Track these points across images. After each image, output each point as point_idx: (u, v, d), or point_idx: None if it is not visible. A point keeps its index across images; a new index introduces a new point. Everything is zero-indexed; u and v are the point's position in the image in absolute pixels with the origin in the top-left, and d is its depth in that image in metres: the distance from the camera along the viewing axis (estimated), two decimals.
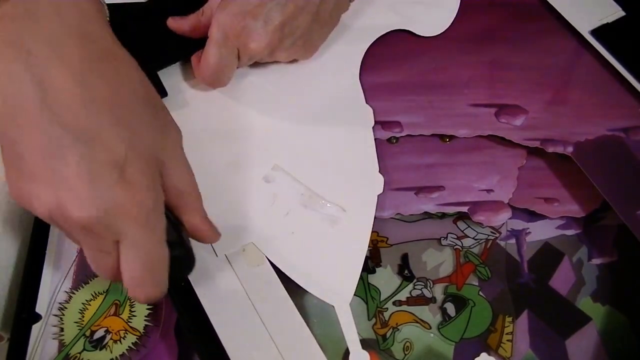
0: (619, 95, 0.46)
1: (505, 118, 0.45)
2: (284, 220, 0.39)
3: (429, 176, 0.44)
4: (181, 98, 0.43)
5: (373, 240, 0.43)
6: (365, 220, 0.40)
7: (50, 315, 0.38)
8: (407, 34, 0.49)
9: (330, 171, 0.41)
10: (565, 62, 0.47)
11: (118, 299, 0.39)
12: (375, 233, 0.43)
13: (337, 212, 0.40)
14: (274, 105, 0.44)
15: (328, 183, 0.41)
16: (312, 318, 0.39)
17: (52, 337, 0.38)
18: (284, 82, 0.45)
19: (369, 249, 0.42)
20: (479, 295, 0.41)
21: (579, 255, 0.42)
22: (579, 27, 0.48)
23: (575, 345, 0.39)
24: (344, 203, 0.40)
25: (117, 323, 0.39)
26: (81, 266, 0.40)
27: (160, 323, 0.39)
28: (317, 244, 0.39)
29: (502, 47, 0.48)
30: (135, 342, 0.38)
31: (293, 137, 0.43)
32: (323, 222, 0.40)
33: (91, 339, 0.38)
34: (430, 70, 0.47)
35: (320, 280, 0.38)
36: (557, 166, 0.45)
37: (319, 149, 0.42)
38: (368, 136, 0.43)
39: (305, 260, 0.38)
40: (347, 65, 0.46)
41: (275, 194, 0.40)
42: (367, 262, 0.42)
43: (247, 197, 0.40)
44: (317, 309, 0.39)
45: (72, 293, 0.39)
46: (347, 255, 0.39)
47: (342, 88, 0.45)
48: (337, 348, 0.37)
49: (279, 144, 0.42)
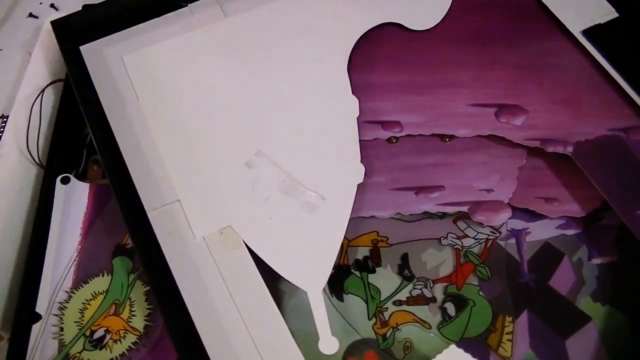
0: (619, 95, 0.46)
1: (505, 118, 0.45)
2: (263, 206, 0.39)
3: (429, 176, 0.44)
4: (171, 77, 0.44)
5: (373, 240, 0.43)
6: (344, 209, 0.40)
7: (50, 315, 0.38)
8: (407, 34, 0.49)
9: (312, 159, 0.41)
10: (566, 62, 0.47)
11: (118, 299, 0.39)
12: (375, 233, 0.43)
13: (317, 199, 0.40)
14: (261, 91, 0.44)
15: (310, 171, 0.41)
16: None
17: (52, 336, 0.38)
18: (272, 69, 0.45)
19: (369, 249, 0.42)
20: (479, 295, 0.41)
21: (579, 255, 0.42)
22: (571, 27, 0.48)
23: (575, 345, 0.39)
24: (324, 191, 0.40)
25: (117, 323, 0.39)
26: (81, 266, 0.40)
27: (160, 323, 0.39)
28: (294, 230, 0.39)
29: (502, 47, 0.48)
30: (135, 342, 0.38)
31: (278, 124, 0.43)
32: (302, 209, 0.39)
33: (91, 339, 0.38)
34: (430, 70, 0.47)
35: (294, 266, 0.38)
36: (557, 166, 0.45)
37: (303, 137, 0.42)
38: (352, 126, 0.42)
39: (281, 246, 0.38)
40: (334, 56, 0.46)
41: (256, 179, 0.40)
42: (367, 262, 0.42)
43: (228, 181, 0.40)
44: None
45: (72, 293, 0.39)
46: (323, 242, 0.39)
47: (329, 78, 0.45)
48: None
49: (263, 129, 0.42)
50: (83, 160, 0.45)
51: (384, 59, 0.48)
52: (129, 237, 0.42)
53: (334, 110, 0.43)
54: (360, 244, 0.43)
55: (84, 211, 0.42)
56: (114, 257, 0.41)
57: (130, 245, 0.41)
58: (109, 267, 0.40)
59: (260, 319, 0.36)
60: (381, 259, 0.42)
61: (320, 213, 0.39)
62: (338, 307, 0.41)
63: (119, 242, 0.41)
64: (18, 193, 0.43)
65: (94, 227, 0.42)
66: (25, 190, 0.44)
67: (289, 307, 0.39)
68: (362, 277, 0.42)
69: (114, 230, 0.42)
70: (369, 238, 0.43)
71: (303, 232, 0.39)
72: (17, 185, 0.43)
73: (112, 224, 0.42)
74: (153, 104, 0.43)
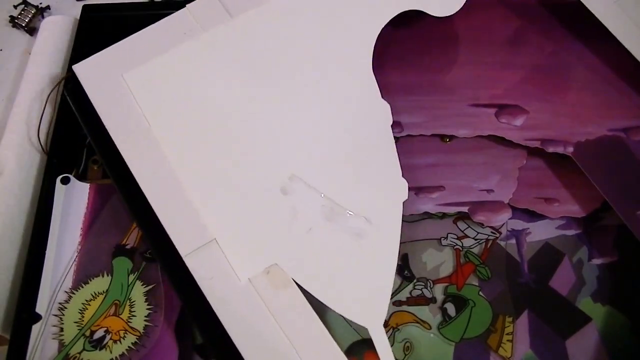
0: (619, 95, 0.46)
1: (505, 118, 0.45)
2: (307, 237, 0.36)
3: (429, 176, 0.44)
4: (182, 94, 0.39)
5: None
6: (393, 231, 0.37)
7: (50, 315, 0.38)
8: (407, 34, 0.49)
9: (350, 178, 0.38)
10: (566, 62, 0.47)
11: (118, 299, 0.39)
12: None
13: (362, 223, 0.37)
14: (282, 102, 0.40)
15: (349, 192, 0.37)
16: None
17: (52, 337, 0.38)
18: (291, 75, 0.40)
19: None
20: (479, 296, 0.41)
21: (579, 255, 0.42)
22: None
23: (575, 345, 0.39)
24: (368, 213, 0.37)
25: (117, 323, 0.39)
26: (81, 266, 0.40)
27: (160, 323, 0.39)
28: (344, 261, 0.36)
29: (502, 47, 0.48)
30: (135, 342, 0.38)
31: (308, 142, 0.39)
32: (348, 236, 0.36)
33: (91, 339, 0.38)
34: (430, 71, 0.47)
35: (350, 301, 0.35)
36: (557, 166, 0.44)
37: (336, 154, 0.38)
38: (387, 135, 0.39)
39: (334, 280, 0.35)
40: (358, 55, 0.41)
41: (295, 207, 0.37)
42: None
43: (265, 212, 0.37)
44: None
45: (72, 293, 0.39)
46: (377, 271, 0.36)
47: (355, 82, 0.40)
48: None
49: (294, 150, 0.38)
50: (83, 160, 0.45)
51: (384, 60, 0.47)
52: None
53: (365, 118, 0.39)
54: None
55: (84, 211, 0.42)
56: (114, 258, 0.41)
57: (130, 245, 0.41)
58: (109, 267, 0.40)
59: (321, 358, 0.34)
60: None
61: (368, 238, 0.36)
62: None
63: (119, 242, 0.41)
64: (18, 193, 0.43)
65: (94, 227, 0.42)
66: (25, 190, 0.44)
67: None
68: None
69: (114, 231, 0.42)
70: None
71: (354, 262, 0.36)
72: (17, 185, 0.43)
73: (112, 224, 0.42)
74: (167, 129, 0.38)
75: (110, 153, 0.39)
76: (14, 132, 0.45)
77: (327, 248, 0.36)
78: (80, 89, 0.40)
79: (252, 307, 0.34)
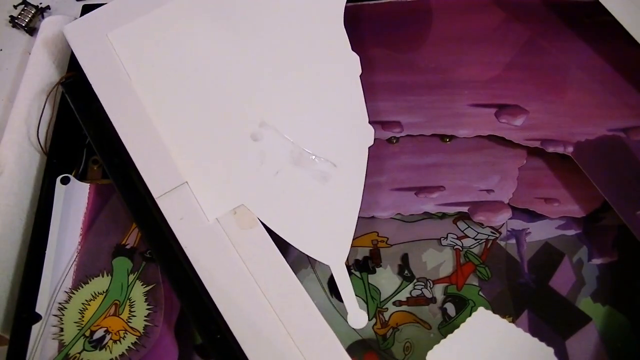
0: (619, 95, 0.46)
1: (505, 118, 0.45)
2: (274, 180, 0.38)
3: (429, 176, 0.44)
4: (162, 51, 0.42)
5: (373, 240, 0.43)
6: (357, 175, 0.38)
7: (50, 315, 0.38)
8: (406, 34, 0.49)
9: (318, 124, 0.40)
10: (565, 62, 0.47)
11: (118, 299, 0.39)
12: (376, 233, 0.43)
13: (328, 167, 0.39)
14: (256, 56, 0.41)
15: (317, 137, 0.39)
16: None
17: (52, 337, 0.38)
18: (266, 31, 0.42)
19: (369, 249, 0.42)
20: (479, 296, 0.41)
21: (579, 255, 0.42)
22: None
23: (575, 345, 0.39)
24: (334, 157, 0.39)
25: (117, 323, 0.39)
26: (81, 266, 0.40)
27: (160, 323, 0.39)
28: (309, 202, 0.38)
29: (502, 47, 0.48)
30: (135, 342, 0.38)
31: (278, 91, 0.40)
32: (314, 180, 0.38)
33: (91, 339, 0.38)
34: (430, 70, 0.47)
35: (314, 241, 0.37)
36: (557, 166, 0.45)
37: (306, 102, 0.40)
38: (356, 85, 0.40)
39: (298, 221, 0.37)
40: (329, 11, 0.43)
41: (264, 152, 0.39)
42: (368, 262, 0.42)
43: (235, 157, 0.39)
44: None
45: (72, 293, 0.39)
46: (341, 212, 0.38)
47: (326, 35, 0.42)
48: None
49: (264, 97, 0.40)
50: (83, 160, 0.45)
51: (384, 60, 0.47)
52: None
53: (335, 69, 0.41)
54: (361, 244, 0.43)
55: (84, 211, 0.42)
56: (114, 258, 0.41)
57: (130, 245, 0.41)
58: (109, 267, 0.40)
59: (285, 297, 0.35)
60: (381, 260, 0.42)
61: (333, 181, 0.38)
62: (338, 307, 0.40)
63: (119, 242, 0.41)
64: (18, 193, 0.43)
65: (94, 227, 0.42)
66: (25, 190, 0.44)
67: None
68: (362, 278, 0.42)
69: (114, 231, 0.42)
70: (369, 238, 0.43)
71: (319, 203, 0.38)
72: (17, 185, 0.43)
73: (112, 224, 0.42)
74: (146, 82, 0.40)
75: (110, 153, 0.40)
76: (14, 132, 0.45)
77: (293, 190, 0.38)
78: (79, 88, 0.41)
79: (220, 245, 0.36)
